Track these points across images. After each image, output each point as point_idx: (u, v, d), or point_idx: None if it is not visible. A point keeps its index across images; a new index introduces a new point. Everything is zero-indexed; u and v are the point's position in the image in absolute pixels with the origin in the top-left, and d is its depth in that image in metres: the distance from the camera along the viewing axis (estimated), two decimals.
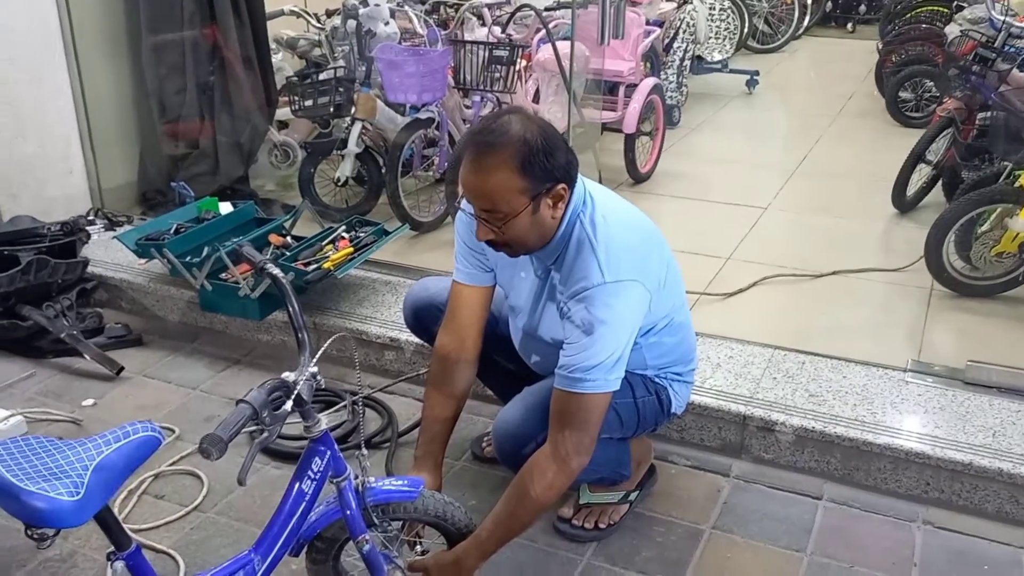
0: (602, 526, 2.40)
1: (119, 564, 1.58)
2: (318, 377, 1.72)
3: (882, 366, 2.90)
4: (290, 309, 1.78)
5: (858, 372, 2.87)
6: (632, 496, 2.47)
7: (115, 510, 2.42)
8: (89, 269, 3.61)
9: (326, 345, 1.72)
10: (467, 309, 2.24)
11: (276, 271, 1.82)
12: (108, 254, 3.78)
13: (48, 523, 1.38)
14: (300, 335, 1.77)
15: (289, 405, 1.61)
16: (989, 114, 4.18)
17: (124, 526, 1.58)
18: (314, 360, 1.69)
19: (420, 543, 2.11)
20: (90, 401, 3.02)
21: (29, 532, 1.45)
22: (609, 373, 1.93)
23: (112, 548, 1.59)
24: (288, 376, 1.67)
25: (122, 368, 3.17)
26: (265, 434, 1.57)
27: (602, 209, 2.02)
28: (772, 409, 2.67)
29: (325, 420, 1.80)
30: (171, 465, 2.66)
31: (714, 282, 3.69)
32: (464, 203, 2.02)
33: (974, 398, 2.72)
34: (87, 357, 3.20)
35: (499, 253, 2.07)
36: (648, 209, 2.06)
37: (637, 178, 5.08)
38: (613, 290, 1.93)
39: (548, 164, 1.86)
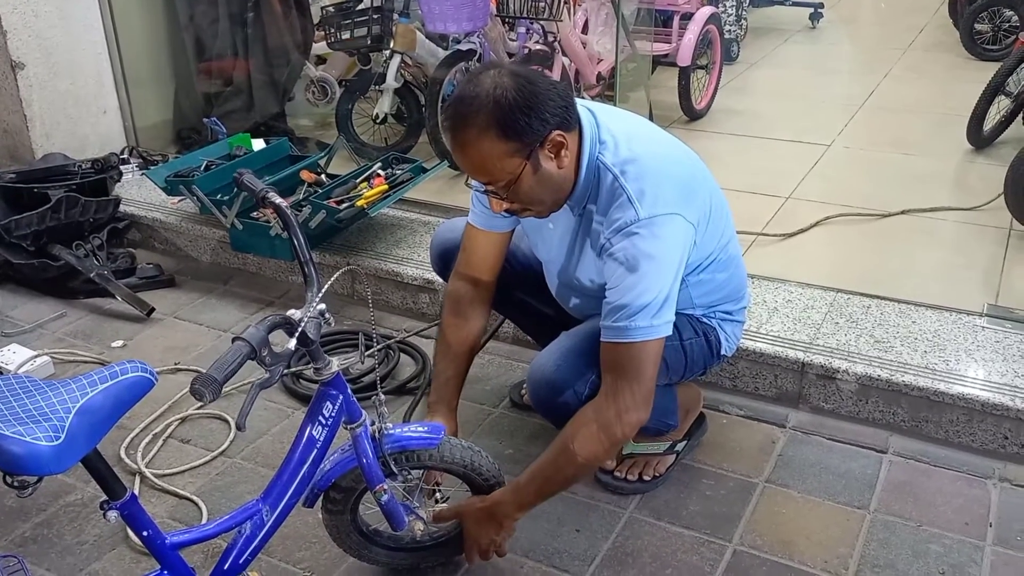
0: (646, 478, 2.25)
1: (112, 514, 1.46)
2: (326, 315, 1.58)
3: (955, 310, 2.66)
4: (295, 241, 1.63)
5: (928, 317, 2.64)
6: (679, 447, 2.30)
7: (139, 454, 2.35)
8: (122, 208, 3.52)
9: (332, 280, 1.58)
10: (481, 253, 2.10)
11: (278, 200, 1.66)
12: (141, 193, 3.69)
13: (24, 470, 1.26)
14: (307, 269, 1.62)
15: (292, 343, 1.46)
16: None
17: (116, 473, 1.46)
18: (320, 295, 1.54)
19: (439, 492, 1.98)
20: (119, 342, 2.94)
21: (8, 480, 1.34)
22: (657, 317, 1.75)
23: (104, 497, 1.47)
24: (293, 313, 1.53)
25: (153, 309, 3.09)
26: (267, 375, 1.43)
27: (627, 141, 1.83)
28: (833, 356, 2.46)
29: (336, 362, 1.65)
30: (198, 409, 2.56)
31: (773, 222, 3.46)
32: (471, 180, 1.86)
33: None
34: (118, 298, 3.12)
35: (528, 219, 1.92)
36: (703, 147, 1.89)
37: (692, 115, 4.84)
38: (652, 225, 1.75)
39: (529, 117, 1.68)
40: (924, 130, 4.59)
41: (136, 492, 2.21)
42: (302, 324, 1.48)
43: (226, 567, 1.68)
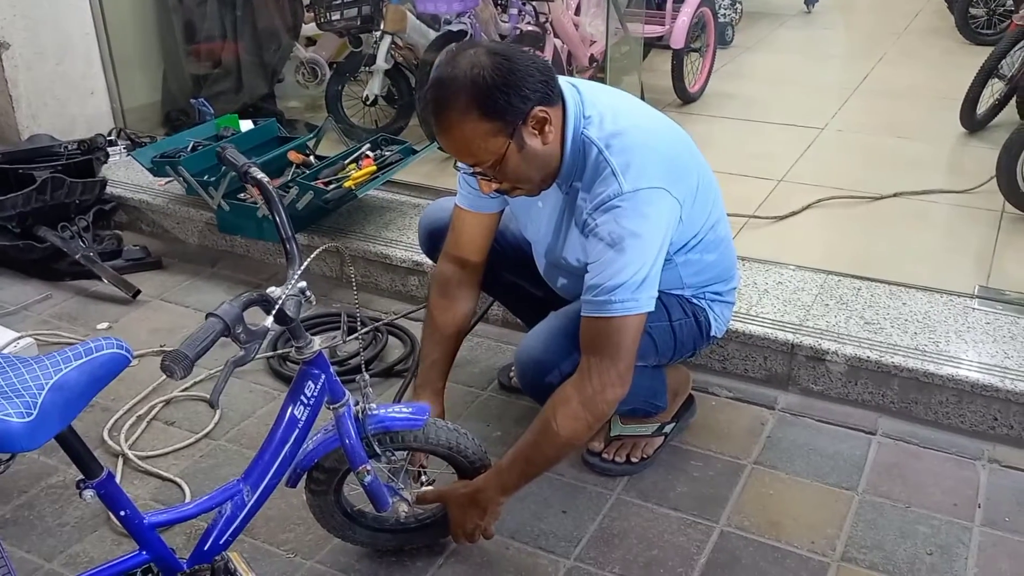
0: (634, 460, 2.23)
1: (88, 492, 1.45)
2: (307, 293, 1.55)
3: (946, 292, 2.64)
4: (277, 219, 1.61)
5: (919, 299, 2.62)
6: (667, 429, 2.29)
7: (122, 436, 2.33)
8: (109, 190, 3.49)
9: (312, 256, 1.55)
10: (469, 234, 2.08)
11: (260, 175, 1.64)
12: (128, 175, 3.66)
13: None
14: (288, 246, 1.60)
15: (269, 321, 1.44)
16: None
17: (92, 452, 1.44)
18: (299, 272, 1.51)
19: (425, 474, 1.96)
20: (104, 324, 2.92)
21: None
22: (638, 292, 1.73)
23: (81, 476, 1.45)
24: (272, 290, 1.50)
25: (138, 291, 3.06)
26: (242, 352, 1.41)
27: (612, 115, 1.81)
28: (823, 337, 2.44)
29: (318, 341, 1.63)
30: (183, 391, 2.54)
31: (764, 205, 3.44)
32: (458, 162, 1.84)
33: None
34: (104, 280, 3.09)
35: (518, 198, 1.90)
36: (697, 130, 1.86)
37: (685, 98, 4.81)
38: (635, 199, 1.72)
39: (509, 96, 1.65)
40: (918, 114, 4.57)
41: (119, 474, 2.22)
42: (279, 302, 1.46)
43: (206, 547, 1.67)
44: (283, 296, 1.48)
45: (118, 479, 2.14)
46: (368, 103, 4.01)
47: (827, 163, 3.91)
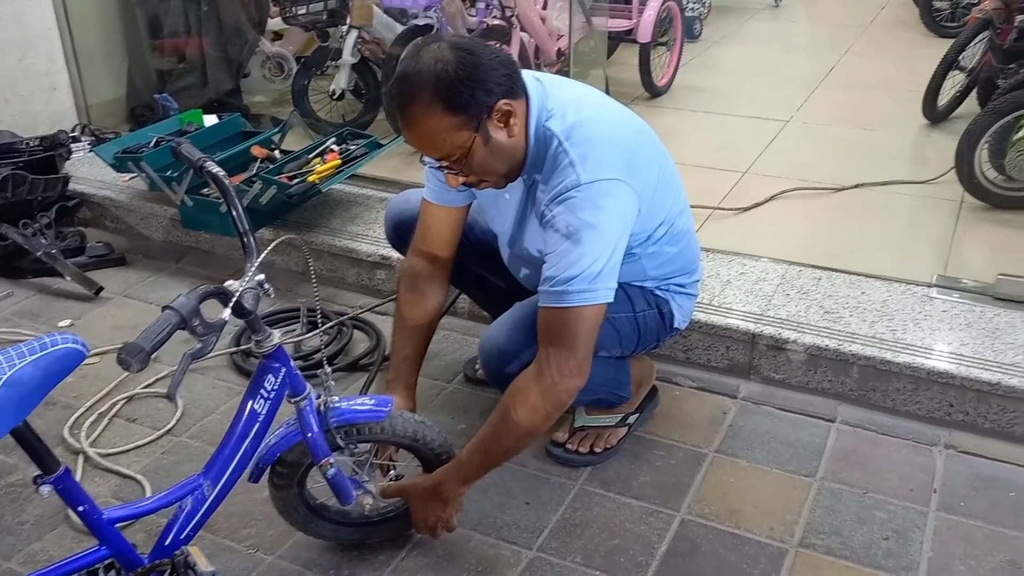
0: (598, 450, 2.25)
1: (46, 488, 1.44)
2: (265, 285, 1.55)
3: (905, 281, 2.68)
4: (233, 212, 1.61)
5: (878, 288, 2.66)
6: (631, 419, 2.31)
7: (83, 434, 2.32)
8: (72, 187, 3.46)
9: (269, 249, 1.55)
10: (437, 228, 2.08)
11: (216, 169, 1.63)
12: (92, 171, 3.63)
13: None
14: (245, 239, 1.60)
15: (226, 313, 1.44)
16: None
17: (48, 447, 1.43)
18: (255, 265, 1.51)
19: (394, 467, 1.97)
20: (66, 322, 2.89)
21: None
22: (595, 282, 1.74)
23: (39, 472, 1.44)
24: (230, 283, 1.50)
25: (101, 288, 3.04)
26: (199, 345, 1.41)
27: (575, 108, 1.82)
28: (784, 327, 2.47)
29: (278, 334, 1.63)
30: (145, 388, 2.53)
31: (729, 196, 3.47)
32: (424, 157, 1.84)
33: (1004, 314, 2.50)
34: (66, 277, 3.06)
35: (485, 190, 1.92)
36: (664, 123, 1.87)
37: (653, 91, 4.84)
38: (593, 190, 1.73)
39: (473, 89, 1.66)
40: (882, 105, 4.62)
41: (80, 472, 2.20)
42: (237, 294, 1.46)
43: (167, 542, 1.66)
44: (240, 289, 1.47)
45: (78, 477, 2.15)
46: (335, 97, 4.01)
47: (791, 155, 3.95)
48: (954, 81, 4.24)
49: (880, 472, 2.17)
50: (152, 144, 3.23)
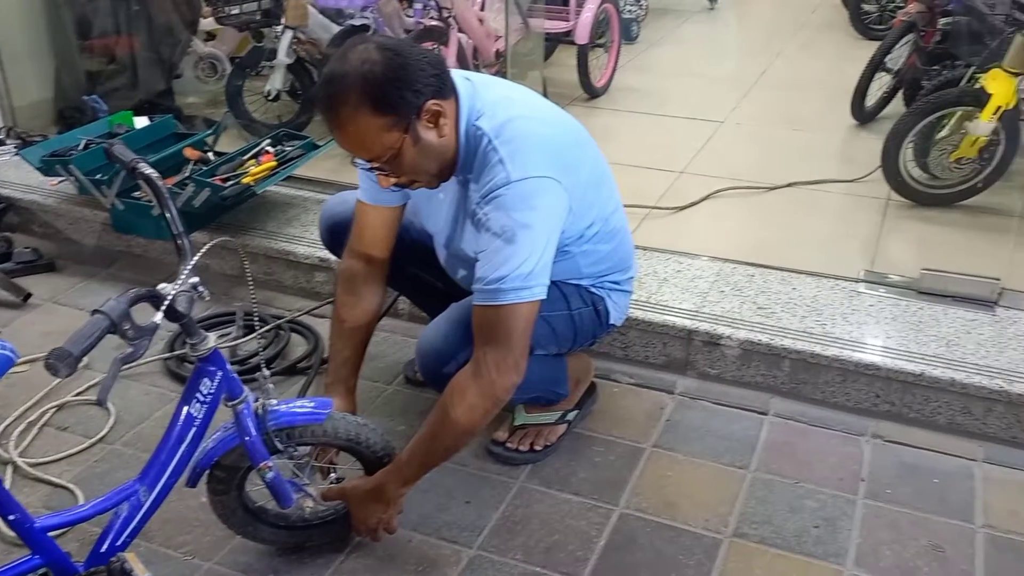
0: (537, 448, 2.27)
1: None
2: (200, 288, 1.54)
3: (834, 277, 2.76)
4: (167, 214, 1.59)
5: (808, 284, 2.73)
6: (570, 416, 2.33)
7: (11, 443, 2.26)
8: None
9: (203, 251, 1.54)
10: (372, 229, 2.08)
11: (149, 171, 1.62)
12: (19, 175, 3.52)
13: None
14: (179, 241, 1.59)
15: (159, 317, 1.43)
16: (951, 20, 4.02)
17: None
18: (189, 267, 1.50)
19: (335, 470, 1.96)
20: None
21: None
22: (528, 280, 1.76)
23: None
24: (163, 286, 1.49)
25: (29, 295, 2.96)
26: (130, 350, 1.39)
27: (505, 106, 1.84)
28: (718, 323, 2.53)
29: (213, 338, 1.62)
30: (76, 395, 2.48)
31: (665, 196, 3.52)
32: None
33: (928, 307, 2.60)
34: None
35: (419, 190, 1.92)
36: (602, 124, 1.90)
37: (591, 92, 4.88)
38: (522, 188, 1.75)
39: (402, 89, 1.67)
40: (812, 106, 4.73)
41: (8, 482, 2.15)
42: (169, 297, 1.44)
43: (103, 549, 1.64)
44: (174, 292, 1.46)
45: (7, 487, 2.08)
46: (270, 98, 3.97)
47: (726, 155, 4.03)
48: (881, 82, 4.37)
49: (810, 462, 2.24)
50: (81, 147, 3.16)
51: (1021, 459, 2.25)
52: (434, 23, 4.13)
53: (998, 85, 3.18)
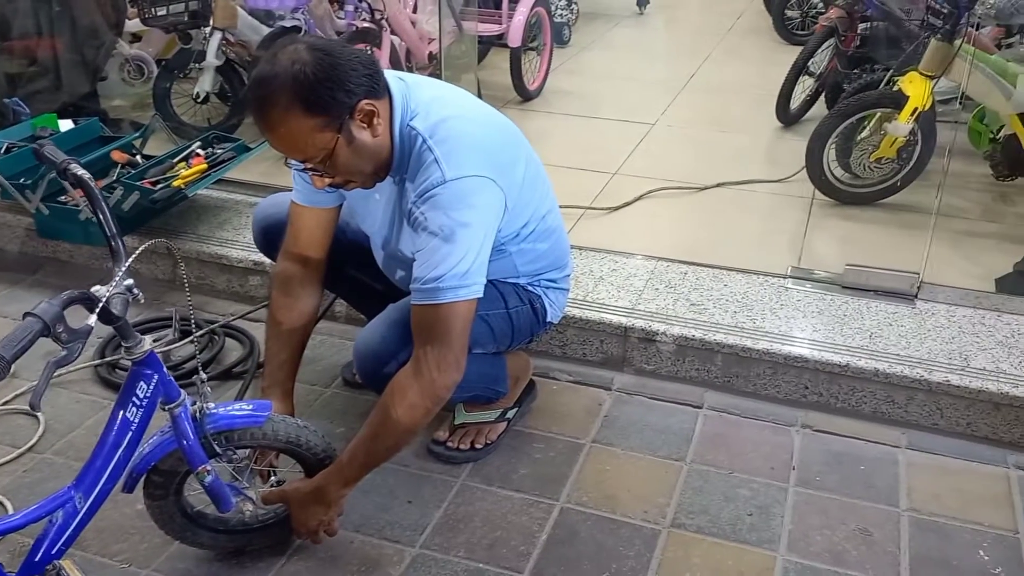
0: (478, 446, 2.29)
1: None
2: (134, 290, 1.52)
3: (763, 273, 2.84)
4: (100, 216, 1.57)
5: (739, 280, 2.81)
6: (510, 414, 2.35)
7: None
8: None
9: (138, 252, 1.52)
10: (308, 230, 2.07)
11: (81, 172, 1.59)
12: None
13: None
14: (114, 244, 1.56)
15: (93, 320, 1.40)
16: (870, 25, 4.17)
17: None
18: (124, 269, 1.48)
19: (275, 473, 1.95)
20: None
21: None
22: (465, 278, 1.77)
23: None
24: (97, 289, 1.46)
25: None
26: (64, 353, 1.37)
27: (439, 106, 1.85)
28: (653, 319, 2.58)
29: (149, 340, 1.59)
30: (4, 404, 2.41)
31: (600, 197, 3.58)
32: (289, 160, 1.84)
33: (852, 301, 2.69)
34: None
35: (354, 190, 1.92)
36: (536, 127, 1.92)
37: (525, 95, 4.92)
38: (458, 187, 1.77)
39: (333, 90, 1.67)
40: (739, 109, 4.86)
41: None
42: (103, 299, 1.42)
43: (37, 558, 1.60)
44: (108, 294, 1.44)
45: None
46: (199, 100, 3.91)
47: (658, 156, 4.11)
48: (804, 86, 4.50)
49: (744, 453, 2.30)
50: (3, 150, 3.07)
51: (942, 445, 2.34)
52: (366, 25, 4.12)
53: (915, 88, 3.30)
